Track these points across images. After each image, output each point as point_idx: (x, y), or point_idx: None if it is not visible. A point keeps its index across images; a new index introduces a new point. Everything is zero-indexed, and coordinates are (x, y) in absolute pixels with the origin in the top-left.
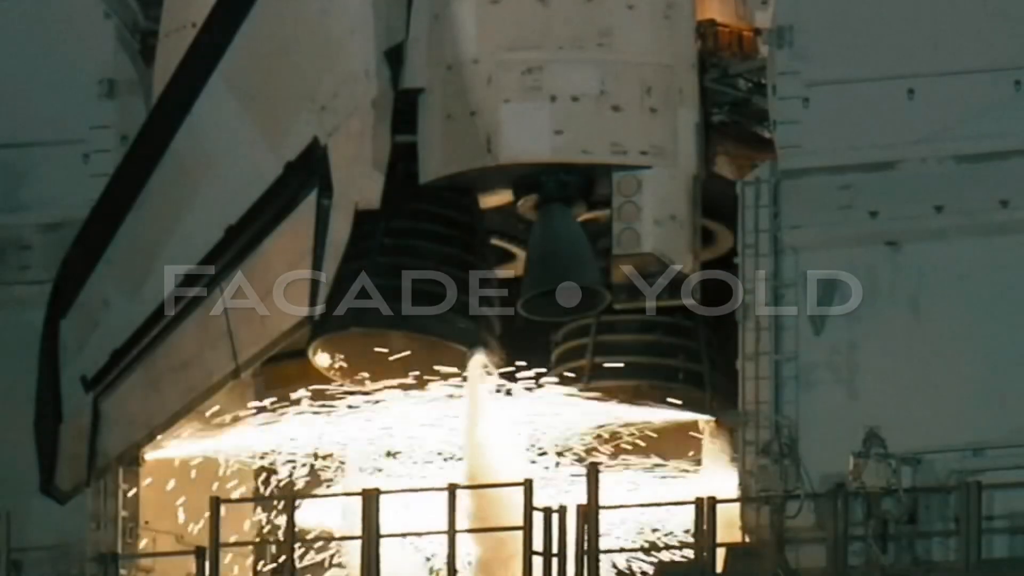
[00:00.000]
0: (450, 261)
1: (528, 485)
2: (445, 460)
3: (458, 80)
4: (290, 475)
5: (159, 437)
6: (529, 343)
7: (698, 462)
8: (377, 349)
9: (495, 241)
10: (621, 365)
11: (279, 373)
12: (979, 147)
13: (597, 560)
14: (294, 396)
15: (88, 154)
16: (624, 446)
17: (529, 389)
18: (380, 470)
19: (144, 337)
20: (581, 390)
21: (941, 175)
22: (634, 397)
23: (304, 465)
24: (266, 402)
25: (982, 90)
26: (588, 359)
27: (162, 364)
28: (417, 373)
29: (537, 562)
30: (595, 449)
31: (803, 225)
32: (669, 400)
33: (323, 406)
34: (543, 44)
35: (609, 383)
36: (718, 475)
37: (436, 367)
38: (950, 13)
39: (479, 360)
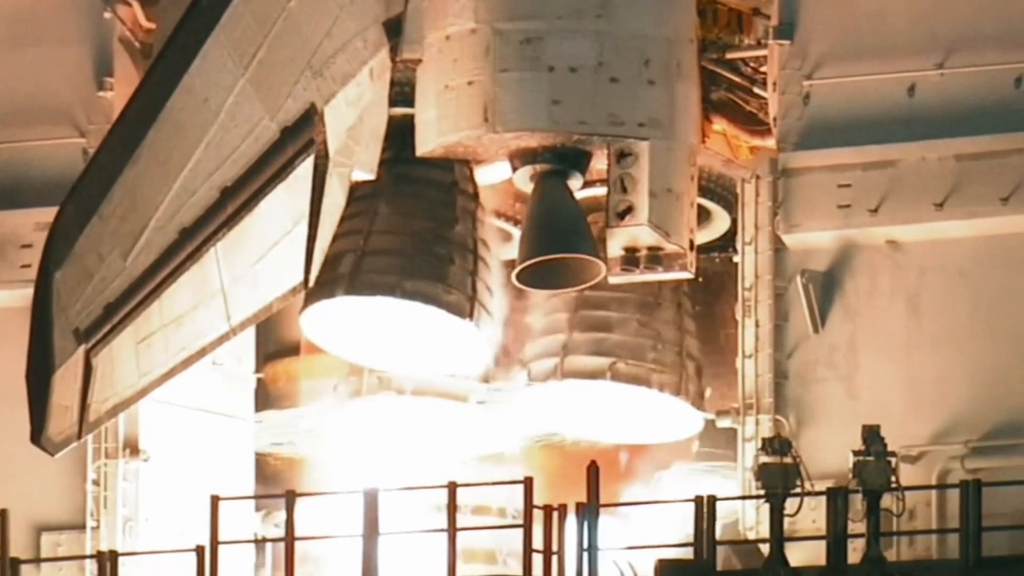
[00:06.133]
0: (445, 232)
1: (528, 484)
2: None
3: (456, 50)
4: None
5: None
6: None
7: None
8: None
9: (493, 221)
10: (598, 341)
11: (280, 371)
12: (979, 146)
13: (597, 559)
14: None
15: (88, 151)
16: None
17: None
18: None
19: (138, 293)
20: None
21: (941, 174)
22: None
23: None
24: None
25: (982, 89)
26: (566, 335)
27: (155, 321)
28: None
29: (537, 560)
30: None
31: (803, 224)
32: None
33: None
34: (542, 14)
35: (586, 360)
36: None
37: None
38: (950, 12)
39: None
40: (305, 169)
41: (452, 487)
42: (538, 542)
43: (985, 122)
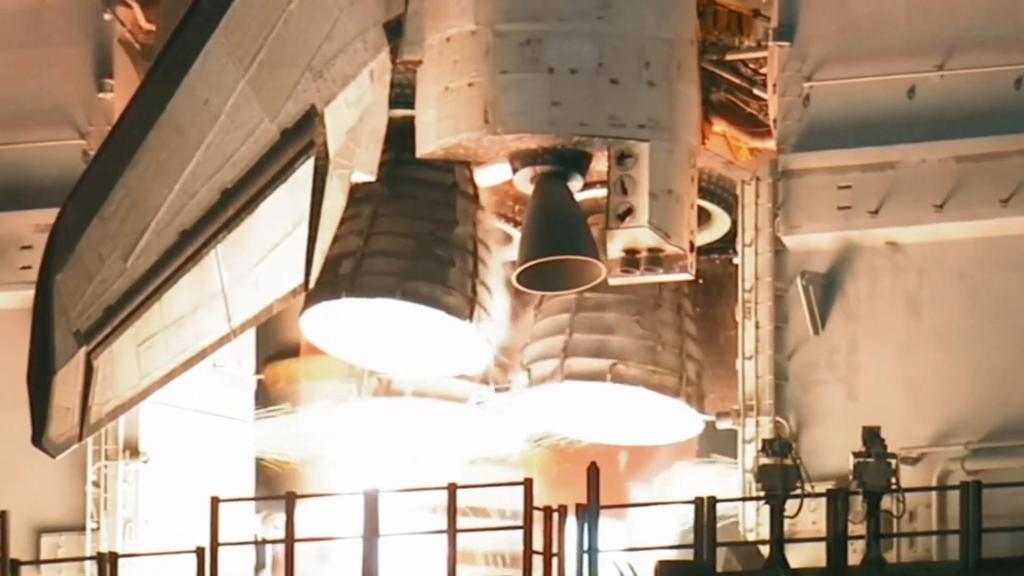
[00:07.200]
0: (445, 234)
1: (528, 485)
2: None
3: (456, 51)
4: None
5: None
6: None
7: None
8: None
9: (493, 222)
10: (597, 344)
11: (280, 373)
12: (979, 147)
13: (597, 561)
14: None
15: (88, 152)
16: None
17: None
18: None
19: (138, 294)
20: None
21: (941, 175)
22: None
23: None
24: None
25: (982, 90)
26: (566, 337)
27: (156, 323)
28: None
29: (537, 562)
30: None
31: (803, 225)
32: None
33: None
34: (542, 16)
35: (586, 362)
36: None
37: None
38: (951, 13)
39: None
40: (305, 171)
41: (452, 488)
42: (538, 544)
43: (985, 124)
